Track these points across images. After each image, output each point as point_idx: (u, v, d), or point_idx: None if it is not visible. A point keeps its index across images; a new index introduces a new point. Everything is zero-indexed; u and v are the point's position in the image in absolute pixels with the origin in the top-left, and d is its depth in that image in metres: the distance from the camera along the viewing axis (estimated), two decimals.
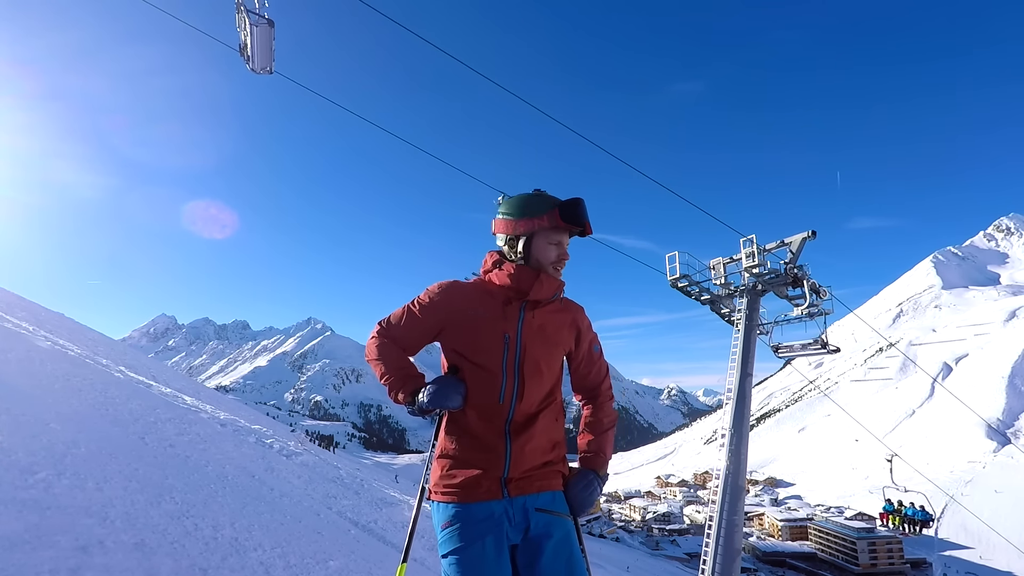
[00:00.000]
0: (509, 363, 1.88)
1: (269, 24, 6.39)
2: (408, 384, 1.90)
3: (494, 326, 1.90)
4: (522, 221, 1.94)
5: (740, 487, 10.35)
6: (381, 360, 1.96)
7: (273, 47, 6.56)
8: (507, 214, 1.97)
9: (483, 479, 1.82)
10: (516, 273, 1.92)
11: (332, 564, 4.37)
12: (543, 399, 1.93)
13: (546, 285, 1.93)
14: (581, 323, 2.06)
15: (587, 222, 1.94)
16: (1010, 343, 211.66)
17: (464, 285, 2.01)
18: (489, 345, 1.89)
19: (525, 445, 1.85)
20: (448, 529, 1.80)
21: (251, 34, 6.42)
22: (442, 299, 1.96)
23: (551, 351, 1.96)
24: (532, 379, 1.89)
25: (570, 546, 1.84)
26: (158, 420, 7.05)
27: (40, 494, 2.92)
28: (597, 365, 2.13)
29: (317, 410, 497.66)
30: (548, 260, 1.96)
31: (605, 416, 2.09)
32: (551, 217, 1.90)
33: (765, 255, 11.28)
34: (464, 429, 1.89)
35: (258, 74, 6.71)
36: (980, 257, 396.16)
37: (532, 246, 1.96)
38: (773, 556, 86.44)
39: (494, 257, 2.02)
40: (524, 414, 1.88)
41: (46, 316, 16.64)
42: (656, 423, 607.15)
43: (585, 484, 1.95)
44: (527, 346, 1.90)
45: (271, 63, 6.65)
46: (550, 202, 1.92)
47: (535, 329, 1.92)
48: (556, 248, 1.96)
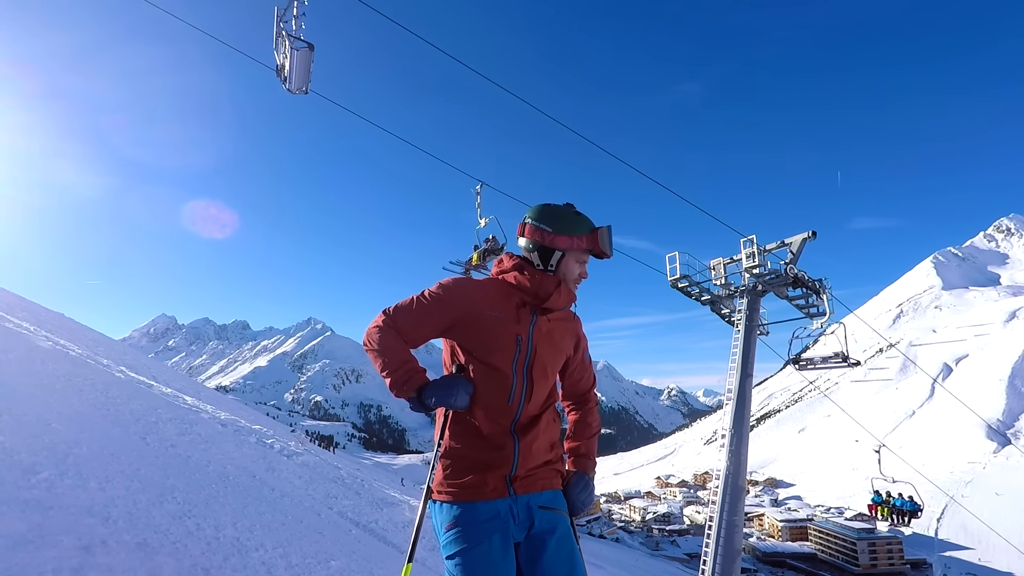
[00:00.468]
0: (520, 365, 1.91)
1: (309, 48, 6.60)
2: (413, 379, 1.83)
3: (508, 328, 1.91)
4: (562, 237, 1.97)
5: (740, 488, 10.35)
6: (384, 351, 1.86)
7: (311, 69, 6.77)
8: (543, 224, 1.99)
9: (490, 478, 1.84)
10: (540, 279, 1.95)
11: (333, 564, 4.38)
12: (545, 401, 2.00)
13: (564, 296, 1.99)
14: (579, 331, 2.16)
15: (610, 251, 2.04)
16: (1010, 344, 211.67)
17: (480, 283, 1.99)
18: (502, 346, 1.90)
19: (531, 444, 1.91)
20: (453, 530, 1.80)
21: (291, 57, 6.63)
22: (458, 295, 1.91)
23: (556, 356, 2.04)
24: (540, 382, 1.95)
25: (571, 542, 1.90)
26: (159, 420, 7.06)
27: (43, 494, 2.92)
28: (589, 371, 2.22)
29: (317, 410, 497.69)
30: (572, 276, 2.04)
31: (594, 420, 2.21)
32: (589, 240, 1.99)
33: (765, 255, 11.28)
34: (471, 429, 1.89)
35: (293, 94, 6.91)
36: (980, 258, 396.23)
37: (562, 261, 2.02)
38: (773, 556, 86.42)
39: (514, 260, 2.03)
40: (529, 415, 1.94)
41: (46, 316, 16.64)
42: (656, 423, 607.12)
43: (584, 486, 2.05)
44: (537, 350, 1.95)
45: (308, 84, 6.85)
46: (587, 224, 2.00)
47: (544, 334, 1.98)
48: (580, 267, 2.05)
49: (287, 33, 6.57)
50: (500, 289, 1.98)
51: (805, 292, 11.51)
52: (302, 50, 6.55)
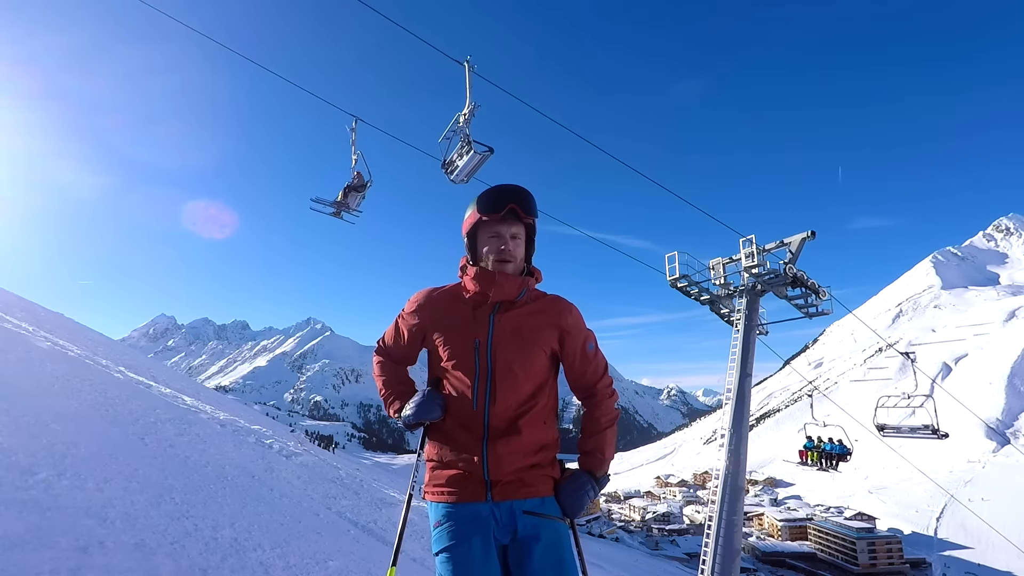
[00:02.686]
0: (481, 369, 1.85)
1: (490, 152, 7.16)
2: (396, 401, 2.02)
3: (464, 332, 1.89)
4: (467, 218, 1.92)
5: (740, 487, 10.35)
6: (379, 378, 2.11)
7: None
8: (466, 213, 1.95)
9: (467, 481, 1.84)
10: (476, 276, 1.88)
11: (332, 564, 4.38)
12: (523, 402, 1.87)
13: (506, 285, 1.86)
14: (564, 322, 1.94)
15: (512, 204, 1.83)
16: (1009, 343, 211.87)
17: (437, 293, 2.00)
18: (461, 352, 1.88)
19: (503, 449, 1.82)
20: (439, 528, 1.83)
21: (470, 157, 7.16)
22: (418, 310, 1.99)
23: (527, 353, 1.88)
24: (505, 383, 1.85)
25: (560, 550, 1.81)
26: (158, 420, 7.06)
27: (40, 495, 2.92)
28: (593, 364, 2.03)
29: (317, 410, 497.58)
30: (487, 254, 1.89)
31: (603, 415, 2.00)
32: (477, 206, 1.87)
33: (764, 255, 11.28)
34: (445, 435, 1.92)
35: (454, 183, 7.56)
36: (980, 257, 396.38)
37: (477, 242, 1.94)
38: (773, 556, 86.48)
39: (463, 260, 1.98)
40: (502, 418, 1.85)
41: (45, 316, 16.62)
42: (656, 423, 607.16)
43: (576, 486, 1.90)
44: (498, 350, 1.85)
45: (471, 178, 7.52)
46: (487, 193, 1.88)
47: (507, 332, 1.87)
48: (495, 240, 1.88)
49: (473, 140, 7.15)
50: (457, 294, 1.96)
51: (804, 292, 11.52)
52: (484, 153, 7.15)
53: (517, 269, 1.93)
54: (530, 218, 1.90)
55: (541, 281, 2.02)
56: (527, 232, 1.96)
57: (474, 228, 1.93)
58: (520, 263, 1.94)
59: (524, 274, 1.95)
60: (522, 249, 1.94)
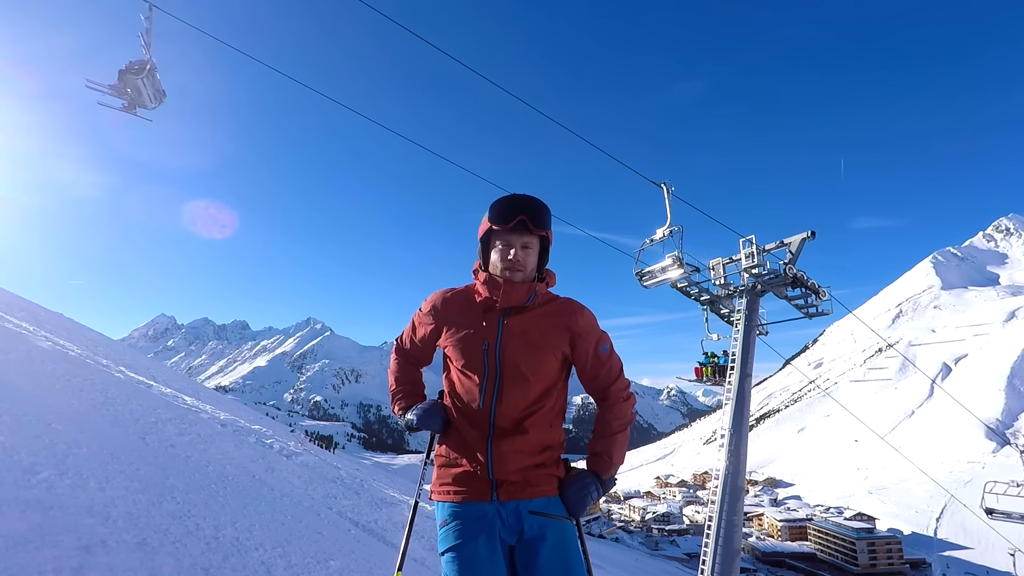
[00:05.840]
0: (490, 370, 1.89)
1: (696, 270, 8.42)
2: (403, 402, 2.13)
3: (474, 334, 1.93)
4: (482, 225, 1.96)
5: (739, 487, 10.35)
6: (391, 376, 2.23)
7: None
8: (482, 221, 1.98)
9: (472, 480, 1.87)
10: (486, 282, 1.92)
11: (333, 564, 4.38)
12: (530, 404, 1.89)
13: (513, 293, 1.89)
14: (575, 326, 1.95)
15: (522, 215, 1.84)
16: (1009, 344, 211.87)
17: (451, 294, 2.07)
18: (470, 352, 1.92)
19: (507, 448, 1.85)
20: (445, 527, 1.85)
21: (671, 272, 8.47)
22: (432, 310, 2.07)
23: (536, 356, 1.89)
24: (512, 385, 1.87)
25: (567, 549, 1.83)
26: (159, 420, 7.06)
27: (43, 494, 2.93)
28: (606, 366, 2.00)
29: (316, 410, 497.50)
30: (498, 264, 1.92)
31: (614, 419, 1.98)
32: (489, 215, 1.90)
33: (764, 256, 11.29)
34: (454, 434, 1.97)
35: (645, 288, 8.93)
36: (979, 258, 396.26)
37: (490, 250, 1.97)
38: (772, 556, 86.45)
39: (476, 264, 2.03)
40: (508, 418, 1.87)
41: (46, 316, 16.64)
42: (656, 423, 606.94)
43: (580, 486, 1.90)
44: (506, 352, 1.88)
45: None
46: (501, 202, 1.90)
47: (516, 335, 1.90)
48: (505, 250, 1.90)
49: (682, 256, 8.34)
50: (470, 296, 2.01)
51: (804, 292, 11.52)
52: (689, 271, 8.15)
53: (527, 277, 1.94)
54: (542, 231, 1.91)
55: (554, 285, 2.03)
56: (541, 243, 1.97)
57: (487, 234, 1.96)
58: (530, 272, 1.95)
59: (535, 280, 1.97)
60: (533, 258, 1.95)
